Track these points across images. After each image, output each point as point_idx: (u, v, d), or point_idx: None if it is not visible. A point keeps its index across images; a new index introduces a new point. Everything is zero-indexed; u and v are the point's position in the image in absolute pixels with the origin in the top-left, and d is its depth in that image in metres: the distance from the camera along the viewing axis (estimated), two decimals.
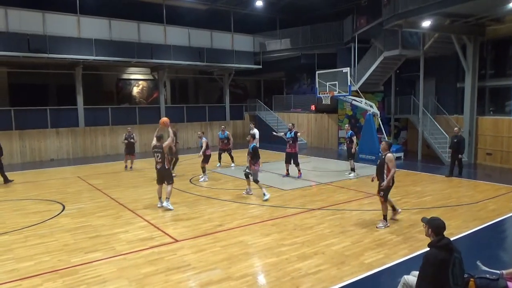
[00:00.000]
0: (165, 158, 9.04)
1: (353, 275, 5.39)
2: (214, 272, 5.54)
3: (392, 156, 7.42)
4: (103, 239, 6.96)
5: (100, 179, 12.74)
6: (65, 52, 16.53)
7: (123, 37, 18.18)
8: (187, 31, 20.36)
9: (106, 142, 19.29)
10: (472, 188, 10.90)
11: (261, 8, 21.34)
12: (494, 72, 15.50)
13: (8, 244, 6.75)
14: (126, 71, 24.31)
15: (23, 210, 9.06)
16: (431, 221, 3.95)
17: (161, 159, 9.01)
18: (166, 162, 9.07)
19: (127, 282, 5.24)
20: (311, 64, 22.32)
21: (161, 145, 9.01)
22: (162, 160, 9.01)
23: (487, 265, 4.52)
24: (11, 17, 15.61)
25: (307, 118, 22.40)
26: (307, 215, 8.29)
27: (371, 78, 18.35)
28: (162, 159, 9.01)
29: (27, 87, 20.50)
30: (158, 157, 9.03)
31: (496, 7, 12.40)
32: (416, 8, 12.68)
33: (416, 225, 7.48)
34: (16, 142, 16.91)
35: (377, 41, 17.74)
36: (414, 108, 17.42)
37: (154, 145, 9.07)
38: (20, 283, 5.26)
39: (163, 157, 9.00)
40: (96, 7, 17.70)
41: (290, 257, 6.02)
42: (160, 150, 8.99)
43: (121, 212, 8.80)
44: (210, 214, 8.46)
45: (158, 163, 9.06)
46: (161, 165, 9.04)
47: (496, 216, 8.18)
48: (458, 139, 12.44)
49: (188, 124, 21.87)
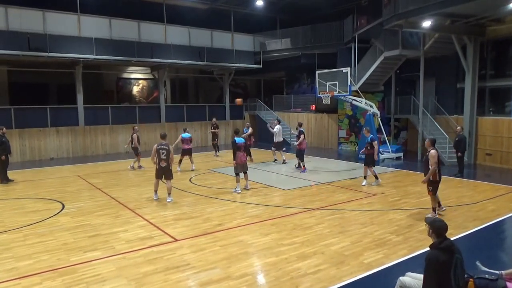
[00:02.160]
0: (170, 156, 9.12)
1: (352, 275, 5.38)
2: (213, 271, 5.54)
3: (434, 153, 7.64)
4: (103, 238, 6.95)
5: (100, 178, 12.73)
6: (65, 51, 16.54)
7: (123, 36, 18.19)
8: (187, 30, 20.36)
9: (106, 141, 19.28)
10: (472, 189, 10.89)
11: (262, 8, 21.35)
12: (494, 73, 15.48)
13: (7, 243, 6.74)
14: (126, 70, 24.32)
15: (22, 209, 9.05)
16: (433, 223, 3.97)
17: (166, 157, 9.11)
18: (170, 161, 9.16)
19: (126, 281, 5.23)
20: (311, 64, 22.31)
21: (167, 143, 9.13)
22: (167, 158, 9.10)
23: (486, 265, 4.51)
24: (12, 15, 15.62)
25: (307, 118, 22.38)
26: (307, 215, 8.28)
27: (371, 78, 18.33)
28: (167, 157, 9.08)
29: (27, 86, 20.51)
30: (163, 155, 9.14)
31: (496, 7, 12.39)
32: (416, 8, 12.66)
33: (415, 225, 7.48)
34: (16, 140, 16.90)
35: (377, 41, 17.73)
36: (414, 108, 17.40)
37: (160, 142, 9.22)
38: (19, 281, 5.26)
39: (168, 155, 9.05)
40: (96, 6, 17.70)
41: (289, 257, 6.01)
42: (166, 148, 9.10)
43: (120, 211, 8.79)
44: (209, 214, 8.45)
45: (163, 161, 9.13)
46: (165, 164, 9.15)
47: (496, 216, 8.18)
48: (459, 138, 12.48)
49: (188, 123, 21.86)
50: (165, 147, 9.16)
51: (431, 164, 7.60)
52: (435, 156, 7.59)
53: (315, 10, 22.20)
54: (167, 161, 9.17)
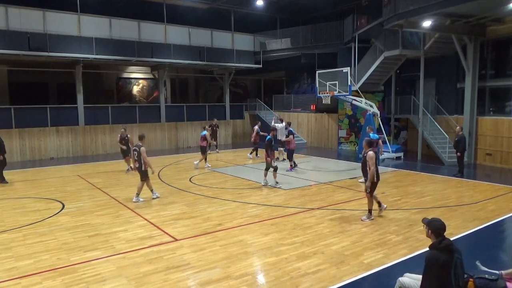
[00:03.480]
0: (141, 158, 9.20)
1: (352, 275, 5.39)
2: (213, 271, 5.54)
3: (372, 154, 7.46)
4: (103, 238, 6.95)
5: (100, 178, 12.73)
6: (65, 51, 16.53)
7: (123, 35, 18.18)
8: (187, 30, 20.35)
9: (106, 140, 19.27)
10: (472, 189, 10.89)
11: (262, 8, 21.34)
12: (494, 72, 15.48)
13: (7, 243, 6.75)
14: (126, 70, 24.32)
15: (23, 209, 9.05)
16: (431, 223, 3.94)
17: (137, 158, 9.26)
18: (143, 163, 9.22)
19: (126, 281, 5.23)
20: (311, 64, 22.31)
21: (140, 145, 9.23)
22: (138, 159, 9.23)
23: (486, 265, 4.51)
24: (12, 15, 15.61)
25: (307, 117, 22.39)
26: (307, 214, 8.28)
27: (371, 78, 18.34)
28: (139, 158, 9.21)
29: (27, 86, 20.52)
30: (135, 156, 9.33)
31: (496, 7, 12.38)
32: (416, 8, 12.66)
33: (415, 225, 7.48)
34: (16, 140, 16.90)
35: (377, 41, 17.72)
36: (414, 108, 17.40)
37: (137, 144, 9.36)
38: (20, 281, 5.26)
39: (139, 156, 9.18)
40: (96, 5, 17.70)
41: (289, 257, 6.01)
42: (137, 149, 9.23)
43: (120, 210, 8.80)
44: (209, 213, 8.45)
45: (135, 161, 9.34)
46: (137, 164, 9.30)
47: (496, 216, 8.18)
48: (459, 138, 12.45)
49: (188, 123, 21.87)
50: (136, 149, 9.33)
51: (370, 166, 7.42)
52: (373, 157, 7.43)
53: (316, 10, 22.21)
54: (139, 162, 9.29)
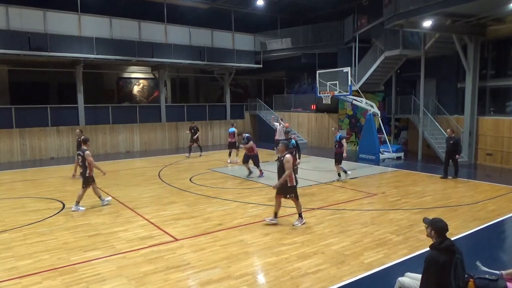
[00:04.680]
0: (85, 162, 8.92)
1: (352, 275, 5.38)
2: (213, 271, 5.54)
3: (289, 157, 7.47)
4: (103, 238, 6.95)
5: (100, 178, 12.66)
6: (66, 51, 16.54)
7: (124, 35, 18.19)
8: (188, 30, 20.35)
9: (106, 140, 19.29)
10: (472, 189, 10.88)
11: (262, 7, 21.32)
12: (495, 72, 15.46)
13: (8, 242, 6.75)
14: (126, 70, 24.33)
15: (23, 208, 9.06)
16: (433, 223, 3.90)
17: (82, 163, 8.98)
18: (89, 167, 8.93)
19: (126, 281, 5.23)
20: (311, 64, 22.30)
21: (85, 149, 8.94)
22: (83, 164, 8.96)
23: (486, 265, 4.51)
24: (12, 15, 15.61)
25: (307, 117, 22.39)
26: (307, 214, 8.27)
27: (371, 78, 18.32)
28: (83, 163, 8.95)
29: (27, 85, 20.53)
30: (80, 161, 9.06)
31: (497, 7, 12.37)
32: (417, 8, 12.65)
33: (416, 225, 7.48)
34: (17, 140, 16.91)
35: (378, 41, 17.71)
36: (415, 108, 17.38)
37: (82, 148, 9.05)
38: (20, 281, 5.26)
39: (83, 161, 8.92)
40: (97, 5, 17.69)
41: (289, 257, 6.01)
42: (82, 154, 8.94)
43: (120, 210, 8.80)
44: (210, 213, 8.45)
45: (80, 166, 9.10)
46: (82, 170, 9.05)
47: (496, 216, 8.17)
48: (455, 141, 12.25)
49: (189, 123, 21.82)
50: (80, 153, 9.04)
51: (286, 169, 7.36)
52: (290, 160, 7.38)
53: (316, 9, 22.20)
54: (83, 167, 8.98)
